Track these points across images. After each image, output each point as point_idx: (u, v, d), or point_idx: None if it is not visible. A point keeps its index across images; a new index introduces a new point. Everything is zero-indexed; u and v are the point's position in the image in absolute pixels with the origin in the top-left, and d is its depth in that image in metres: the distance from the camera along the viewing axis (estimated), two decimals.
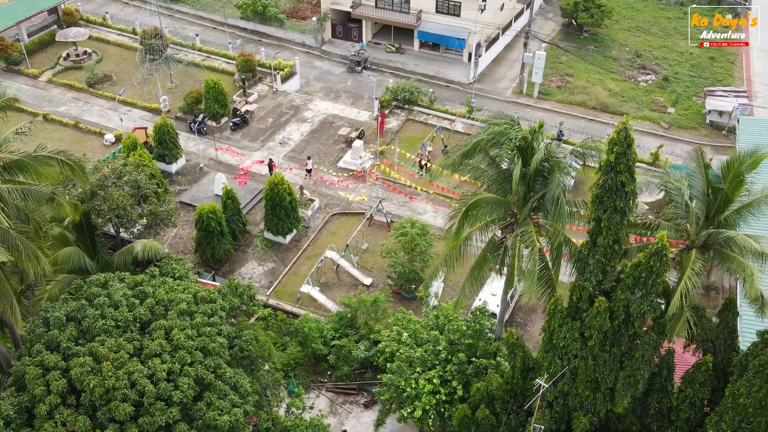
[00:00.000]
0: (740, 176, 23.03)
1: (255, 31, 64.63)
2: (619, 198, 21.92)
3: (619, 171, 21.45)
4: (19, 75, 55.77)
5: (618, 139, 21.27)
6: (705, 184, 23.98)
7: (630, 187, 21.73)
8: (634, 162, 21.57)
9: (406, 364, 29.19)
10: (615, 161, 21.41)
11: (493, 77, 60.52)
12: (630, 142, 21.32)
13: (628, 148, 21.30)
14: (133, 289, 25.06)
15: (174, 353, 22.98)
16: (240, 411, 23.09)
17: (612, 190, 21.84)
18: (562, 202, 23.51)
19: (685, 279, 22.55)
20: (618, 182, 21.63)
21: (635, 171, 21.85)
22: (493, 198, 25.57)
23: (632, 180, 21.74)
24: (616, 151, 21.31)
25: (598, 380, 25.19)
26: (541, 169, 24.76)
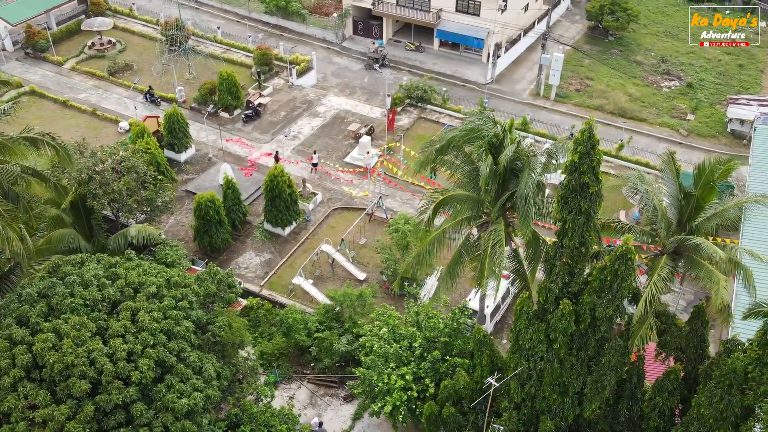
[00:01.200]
0: (711, 183, 22.44)
1: (277, 26, 65.29)
2: (584, 199, 21.60)
3: (583, 172, 21.13)
4: (44, 62, 57.36)
5: (582, 139, 20.96)
6: (677, 189, 23.43)
7: (594, 189, 21.38)
8: (598, 163, 21.21)
9: (381, 359, 29.19)
10: (579, 162, 21.09)
11: (512, 78, 59.99)
12: (594, 142, 20.98)
13: (592, 149, 20.97)
14: (107, 270, 25.53)
15: (137, 335, 23.38)
16: (200, 395, 23.35)
17: (576, 191, 21.53)
18: (530, 201, 23.22)
19: (651, 285, 22.06)
20: (582, 183, 21.30)
21: (600, 173, 21.45)
22: (464, 195, 25.42)
23: (597, 181, 21.39)
24: (579, 151, 21.00)
25: (566, 384, 24.90)
26: (513, 167, 24.50)
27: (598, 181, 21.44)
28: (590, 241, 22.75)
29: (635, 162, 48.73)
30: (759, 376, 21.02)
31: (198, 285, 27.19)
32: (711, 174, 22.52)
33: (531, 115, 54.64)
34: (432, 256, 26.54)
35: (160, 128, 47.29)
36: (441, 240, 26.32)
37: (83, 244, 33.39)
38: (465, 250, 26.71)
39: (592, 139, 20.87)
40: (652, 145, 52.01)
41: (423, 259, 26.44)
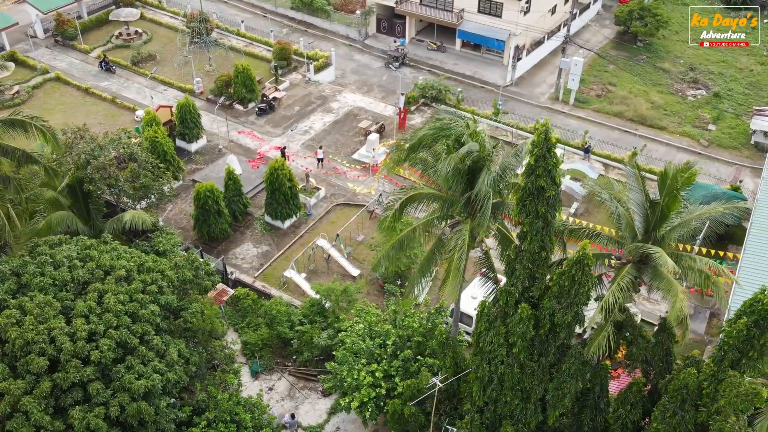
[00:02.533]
0: (674, 192, 21.83)
1: (303, 22, 65.82)
2: (541, 203, 21.25)
3: (539, 175, 20.79)
4: (72, 50, 58.97)
5: (537, 141, 20.62)
6: (643, 197, 22.85)
7: (551, 192, 21.01)
8: (555, 166, 20.83)
9: (352, 355, 29.24)
10: (534, 165, 20.76)
11: (532, 81, 59.28)
12: (550, 145, 20.62)
13: (547, 152, 20.61)
14: (81, 252, 26.14)
15: (102, 316, 23.90)
16: (158, 377, 23.74)
17: (533, 194, 21.20)
18: (488, 201, 22.92)
19: (609, 294, 21.59)
20: (538, 186, 20.97)
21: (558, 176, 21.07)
22: (433, 193, 25.25)
23: (553, 184, 21.01)
24: (535, 153, 20.66)
25: (528, 390, 24.57)
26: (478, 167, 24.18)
27: (555, 184, 21.05)
28: (550, 246, 22.39)
29: (648, 171, 47.62)
30: (713, 393, 20.44)
31: (174, 271, 27.64)
32: (675, 181, 21.89)
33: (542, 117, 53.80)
34: (401, 253, 26.42)
35: (173, 118, 48.12)
36: (411, 238, 26.18)
37: (81, 227, 34.21)
38: (437, 249, 26.52)
39: (547, 141, 20.51)
40: (670, 154, 50.79)
41: (392, 257, 26.33)
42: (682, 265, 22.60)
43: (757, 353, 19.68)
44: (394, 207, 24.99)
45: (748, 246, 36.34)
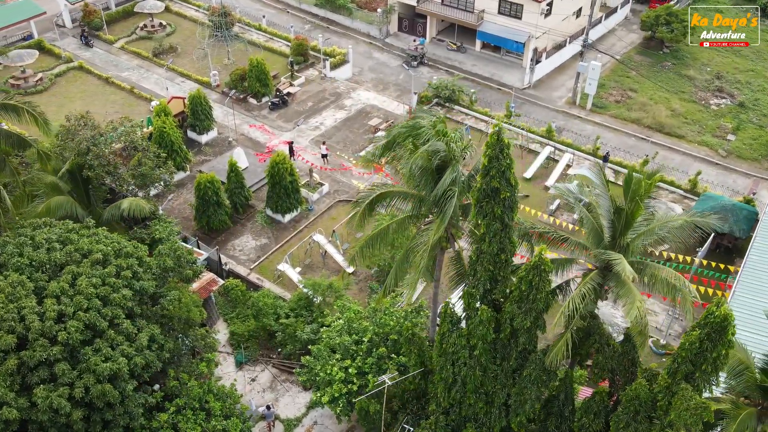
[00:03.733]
0: (637, 198, 21.36)
1: (325, 18, 66.20)
2: (497, 204, 21.03)
3: (492, 176, 20.56)
4: (97, 40, 60.32)
5: (490, 141, 20.38)
6: (610, 203, 22.40)
7: (506, 194, 20.76)
8: (509, 167, 20.55)
9: (327, 350, 29.33)
10: (488, 165, 20.54)
11: (551, 85, 58.57)
12: (503, 145, 20.36)
13: (501, 152, 20.37)
14: (62, 235, 26.73)
15: (73, 297, 24.41)
16: (124, 361, 24.15)
17: (489, 195, 20.99)
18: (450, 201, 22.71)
19: (569, 300, 21.25)
20: (492, 188, 20.74)
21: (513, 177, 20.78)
22: (404, 192, 25.16)
23: (508, 186, 20.76)
24: (488, 154, 20.43)
25: (491, 393, 24.37)
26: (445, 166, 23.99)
27: (511, 186, 20.79)
28: (511, 248, 22.13)
29: (659, 179, 46.60)
30: (666, 406, 19.99)
31: (154, 258, 28.09)
32: (638, 188, 21.42)
33: (563, 123, 53.29)
34: (375, 251, 26.43)
35: (185, 109, 48.86)
36: (385, 236, 26.15)
37: (80, 213, 34.88)
38: (411, 249, 26.40)
39: (501, 142, 20.26)
40: (686, 163, 49.67)
41: (366, 254, 26.35)
42: (647, 274, 22.13)
43: (710, 366, 19.16)
44: (363, 204, 24.97)
45: (748, 260, 35.30)
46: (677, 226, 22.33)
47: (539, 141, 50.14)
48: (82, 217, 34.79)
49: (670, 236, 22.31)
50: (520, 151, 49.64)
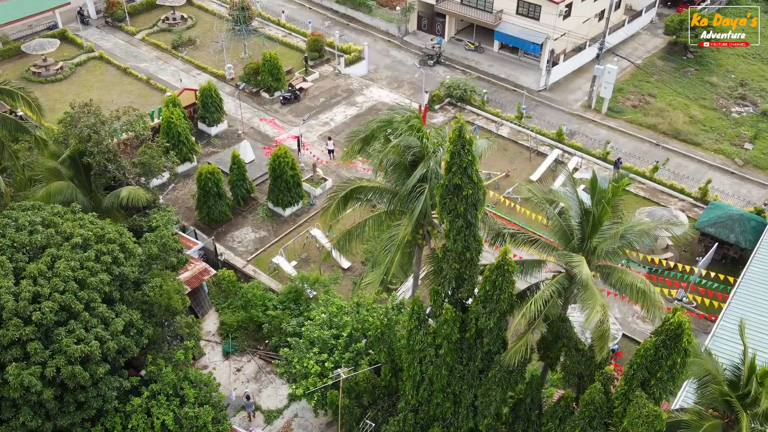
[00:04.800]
0: (602, 201, 20.90)
1: (345, 15, 66.38)
2: (459, 201, 20.81)
3: (454, 172, 20.34)
4: (119, 31, 61.47)
5: (452, 137, 20.16)
6: (578, 206, 21.99)
7: (468, 191, 20.52)
8: (471, 164, 20.28)
9: (306, 343, 29.39)
10: (450, 161, 20.33)
11: (568, 87, 57.82)
12: (465, 142, 20.10)
13: (462, 149, 20.11)
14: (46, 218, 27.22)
15: (50, 279, 24.87)
16: (96, 344, 24.50)
17: (451, 192, 20.79)
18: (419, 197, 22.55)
19: (530, 302, 20.93)
20: (454, 184, 20.53)
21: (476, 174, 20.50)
22: (377, 187, 25.07)
23: (470, 183, 20.50)
24: (450, 150, 20.21)
25: (458, 394, 24.16)
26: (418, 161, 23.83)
27: (473, 183, 20.53)
28: (476, 247, 21.88)
29: (669, 186, 45.76)
30: (621, 412, 19.58)
31: (138, 245, 28.47)
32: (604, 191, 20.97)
33: (576, 127, 52.59)
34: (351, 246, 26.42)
35: (197, 101, 49.42)
36: (361, 231, 26.13)
37: (81, 199, 35.43)
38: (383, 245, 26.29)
39: (462, 138, 20.00)
40: (700, 171, 48.59)
41: (342, 246, 26.38)
42: (614, 278, 21.69)
43: (666, 375, 18.69)
44: (337, 198, 24.96)
45: (748, 272, 34.37)
46: (645, 230, 21.77)
47: (549, 144, 49.52)
48: (82, 203, 35.45)
49: (639, 241, 21.78)
50: (529, 154, 49.14)
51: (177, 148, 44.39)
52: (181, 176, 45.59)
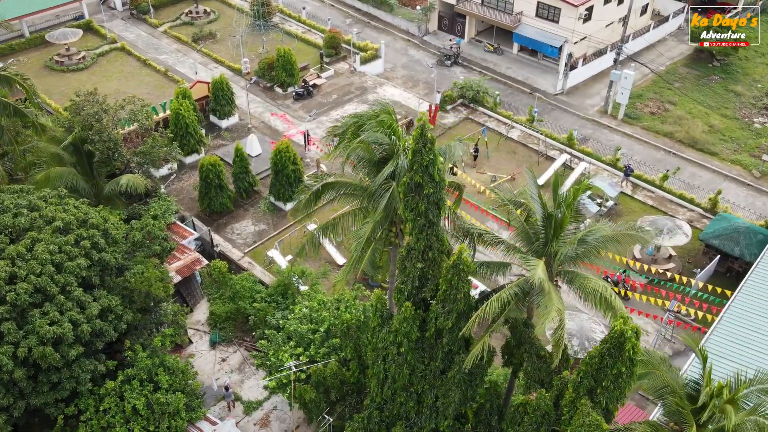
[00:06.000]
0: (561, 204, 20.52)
1: (367, 13, 66.48)
2: (421, 200, 20.67)
3: (415, 170, 20.21)
4: (143, 23, 62.59)
5: (415, 135, 20.03)
6: (542, 210, 21.60)
7: (429, 189, 20.37)
8: (432, 163, 20.12)
9: (284, 337, 29.56)
10: (411, 159, 20.20)
11: (586, 92, 56.92)
12: (427, 140, 19.95)
13: (424, 147, 19.97)
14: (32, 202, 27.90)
15: (28, 261, 25.47)
16: (69, 327, 25.01)
17: (413, 190, 20.66)
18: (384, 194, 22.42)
19: (486, 304, 20.68)
20: (415, 183, 20.40)
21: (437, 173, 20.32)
22: (349, 183, 25.02)
23: (432, 182, 20.34)
24: (412, 149, 20.08)
25: (420, 393, 24.04)
26: None
27: (434, 182, 20.36)
28: (439, 246, 21.72)
29: (678, 196, 44.74)
30: (569, 420, 19.24)
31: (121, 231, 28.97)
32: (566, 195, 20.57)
33: (590, 132, 51.80)
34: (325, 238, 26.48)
35: (209, 93, 50.02)
36: (334, 228, 26.16)
37: (82, 185, 36.29)
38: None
39: (424, 137, 19.86)
40: (714, 182, 47.37)
41: (316, 243, 26.42)
42: (576, 284, 21.29)
43: (611, 383, 18.30)
44: (309, 192, 25.00)
45: (745, 287, 33.40)
46: (611, 237, 21.31)
47: (559, 148, 48.84)
48: (83, 189, 36.23)
49: (604, 246, 21.34)
50: (538, 158, 48.56)
51: (185, 140, 45.07)
52: (188, 167, 46.25)
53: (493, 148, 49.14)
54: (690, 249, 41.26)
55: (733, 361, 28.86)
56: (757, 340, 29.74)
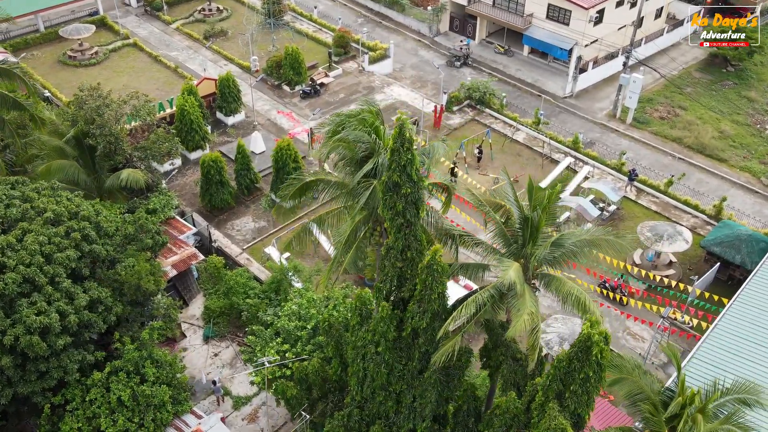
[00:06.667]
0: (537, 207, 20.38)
1: (379, 13, 66.56)
2: (399, 200, 20.66)
3: (393, 170, 20.20)
4: (156, 20, 63.24)
5: (394, 135, 20.01)
6: (519, 212, 21.47)
7: (406, 189, 20.34)
8: (410, 162, 20.07)
9: (271, 333, 29.71)
10: (390, 158, 20.20)
11: (595, 96, 56.47)
12: (405, 140, 19.91)
13: (402, 147, 19.94)
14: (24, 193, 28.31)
15: (18, 252, 25.85)
16: (56, 317, 25.34)
17: (391, 189, 20.65)
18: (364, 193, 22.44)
19: (463, 305, 20.63)
20: (393, 182, 20.39)
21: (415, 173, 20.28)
22: (332, 180, 25.08)
23: (409, 181, 20.31)
24: (390, 148, 20.07)
25: (399, 393, 24.02)
26: None
27: (412, 181, 20.32)
28: (417, 246, 21.68)
29: (683, 202, 44.22)
30: (537, 423, 19.12)
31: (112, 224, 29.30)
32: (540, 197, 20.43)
33: (598, 136, 51.40)
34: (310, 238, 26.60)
35: (216, 91, 50.39)
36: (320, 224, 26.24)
37: (83, 178, 36.78)
38: None
39: (402, 136, 19.83)
40: (721, 189, 46.74)
41: (303, 239, 26.57)
42: (553, 287, 21.16)
43: (579, 387, 18.15)
44: (293, 189, 25.11)
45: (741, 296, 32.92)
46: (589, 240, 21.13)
47: (564, 151, 48.51)
48: (85, 182, 36.72)
49: (581, 251, 21.16)
50: (542, 160, 48.28)
51: (189, 136, 45.48)
52: (193, 163, 46.64)
53: (497, 150, 48.94)
54: (692, 256, 40.77)
55: (722, 369, 28.52)
56: (748, 349, 29.32)
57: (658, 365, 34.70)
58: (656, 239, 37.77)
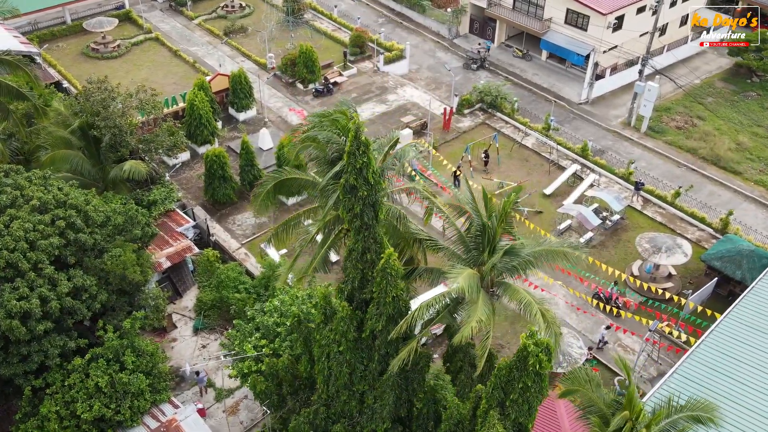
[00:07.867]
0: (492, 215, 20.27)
1: (400, 13, 66.65)
2: (356, 202, 20.79)
3: (349, 172, 20.32)
4: (179, 15, 64.37)
5: (350, 137, 20.12)
6: (479, 218, 21.38)
7: (363, 192, 20.45)
8: (366, 165, 20.16)
9: (251, 328, 30.09)
10: (346, 161, 20.33)
11: (611, 103, 55.71)
12: (361, 143, 20.00)
13: (358, 150, 20.04)
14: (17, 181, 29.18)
15: (2, 238, 26.68)
16: (37, 302, 26.11)
17: (348, 191, 20.79)
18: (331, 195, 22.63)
19: (416, 309, 20.67)
20: (350, 184, 20.52)
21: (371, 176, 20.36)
22: (304, 179, 25.32)
23: (366, 184, 20.40)
24: (346, 151, 20.20)
25: (361, 393, 24.18)
26: None
27: (369, 184, 20.41)
28: (377, 249, 21.77)
29: (690, 214, 43.37)
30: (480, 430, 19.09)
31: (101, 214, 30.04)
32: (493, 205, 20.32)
33: (610, 144, 50.73)
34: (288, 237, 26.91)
35: (229, 87, 51.07)
36: (297, 223, 26.54)
37: (87, 168, 37.75)
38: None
39: (358, 140, 19.93)
40: (733, 202, 45.69)
41: (281, 236, 26.92)
42: (507, 294, 21.06)
43: (519, 396, 18.07)
44: (267, 187, 25.43)
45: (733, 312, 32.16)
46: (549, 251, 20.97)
47: (573, 158, 47.99)
48: (89, 172, 37.68)
49: (537, 261, 21.01)
50: (549, 166, 47.82)
51: (198, 130, 46.21)
52: (200, 157, 47.32)
53: (504, 155, 48.65)
54: (694, 269, 40.00)
55: (702, 386, 27.97)
56: (731, 367, 28.66)
57: (647, 378, 34.17)
58: (654, 251, 37.16)
